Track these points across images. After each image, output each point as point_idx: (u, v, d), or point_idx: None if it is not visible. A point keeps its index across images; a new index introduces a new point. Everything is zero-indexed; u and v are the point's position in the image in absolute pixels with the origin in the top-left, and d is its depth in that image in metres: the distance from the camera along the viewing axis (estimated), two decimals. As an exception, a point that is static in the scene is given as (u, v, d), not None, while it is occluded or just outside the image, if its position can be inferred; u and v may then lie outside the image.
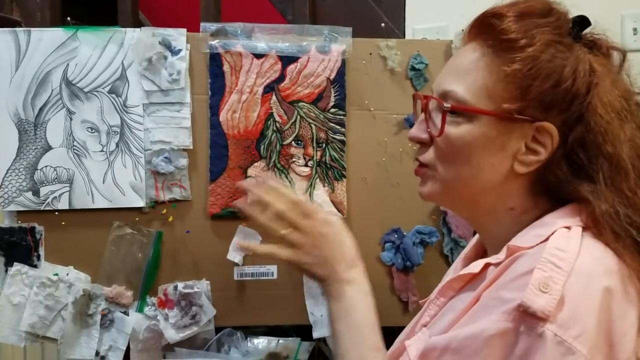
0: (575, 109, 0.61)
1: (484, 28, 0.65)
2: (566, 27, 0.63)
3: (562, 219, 0.60)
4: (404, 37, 1.45)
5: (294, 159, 1.12)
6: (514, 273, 0.56)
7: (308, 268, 0.72)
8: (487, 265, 0.63)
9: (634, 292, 0.56)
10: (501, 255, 0.61)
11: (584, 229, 0.59)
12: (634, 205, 0.60)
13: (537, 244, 0.58)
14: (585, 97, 0.60)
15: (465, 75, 0.65)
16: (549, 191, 0.64)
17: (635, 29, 1.47)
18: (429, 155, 0.67)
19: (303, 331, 1.14)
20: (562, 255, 0.55)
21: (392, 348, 0.72)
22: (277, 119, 1.12)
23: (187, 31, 1.10)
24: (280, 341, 1.13)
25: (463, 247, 0.98)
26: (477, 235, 0.79)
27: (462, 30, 1.11)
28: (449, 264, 1.13)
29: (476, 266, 0.64)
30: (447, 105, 0.64)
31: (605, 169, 0.60)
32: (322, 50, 1.11)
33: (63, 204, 1.08)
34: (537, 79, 0.61)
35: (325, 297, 0.72)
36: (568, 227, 0.59)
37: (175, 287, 1.09)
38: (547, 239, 0.58)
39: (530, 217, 0.65)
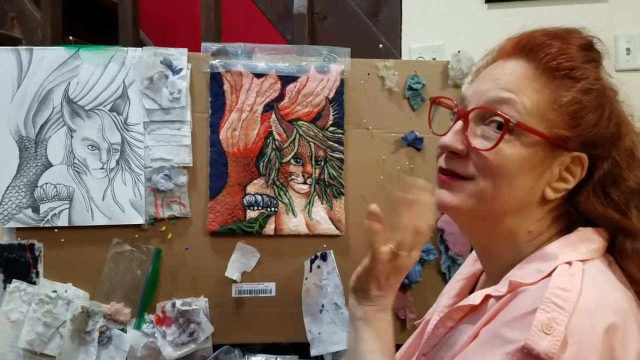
0: (606, 143, 0.63)
1: (540, 47, 0.64)
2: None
3: (563, 251, 0.61)
4: (401, 56, 1.47)
5: (292, 177, 1.13)
6: (517, 311, 0.56)
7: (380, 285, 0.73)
8: (487, 297, 0.63)
9: None
10: (502, 289, 0.60)
11: (585, 261, 0.59)
12: None
13: (539, 280, 0.58)
14: (618, 133, 0.64)
15: (519, 92, 0.62)
16: (563, 217, 0.65)
17: (628, 49, 1.50)
18: (470, 168, 0.64)
19: (301, 349, 1.13)
20: (564, 295, 0.54)
21: None
22: (277, 137, 1.13)
23: (188, 51, 1.12)
24: (278, 359, 1.13)
25: (460, 265, 0.99)
26: (473, 253, 0.79)
27: (459, 51, 1.14)
28: (446, 282, 1.13)
29: (477, 297, 0.64)
30: (513, 121, 0.61)
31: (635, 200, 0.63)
32: (321, 70, 1.13)
33: (63, 221, 1.09)
34: (590, 112, 0.62)
35: (357, 319, 0.73)
36: (569, 263, 0.59)
37: (174, 304, 1.09)
38: (549, 275, 0.58)
39: (538, 241, 0.65)
